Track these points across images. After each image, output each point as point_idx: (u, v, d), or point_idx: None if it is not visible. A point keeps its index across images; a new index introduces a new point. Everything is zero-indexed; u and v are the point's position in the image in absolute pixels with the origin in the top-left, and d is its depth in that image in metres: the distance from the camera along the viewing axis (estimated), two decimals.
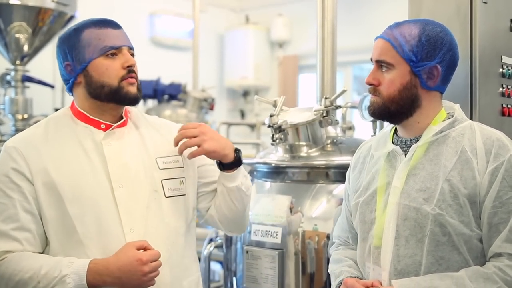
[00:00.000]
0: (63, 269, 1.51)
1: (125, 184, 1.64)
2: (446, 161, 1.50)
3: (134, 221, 1.62)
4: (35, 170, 1.60)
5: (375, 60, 1.58)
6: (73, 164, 1.62)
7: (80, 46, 1.64)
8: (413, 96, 1.54)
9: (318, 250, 2.11)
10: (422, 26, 1.55)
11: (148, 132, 1.76)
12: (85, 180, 1.61)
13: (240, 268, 2.25)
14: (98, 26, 1.65)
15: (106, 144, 1.66)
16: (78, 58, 1.64)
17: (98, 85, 1.64)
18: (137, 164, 1.68)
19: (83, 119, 1.69)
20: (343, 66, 6.50)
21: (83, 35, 1.64)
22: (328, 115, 2.22)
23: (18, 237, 1.58)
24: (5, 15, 3.63)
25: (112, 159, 1.65)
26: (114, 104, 1.67)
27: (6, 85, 3.90)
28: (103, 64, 1.63)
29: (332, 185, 2.20)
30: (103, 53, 1.63)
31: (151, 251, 1.55)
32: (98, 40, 1.63)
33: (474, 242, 1.48)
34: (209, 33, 6.88)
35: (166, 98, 5.23)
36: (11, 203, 1.59)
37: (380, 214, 1.57)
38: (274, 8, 7.10)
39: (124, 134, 1.71)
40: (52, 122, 1.71)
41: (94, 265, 1.52)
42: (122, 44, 1.66)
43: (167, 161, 1.73)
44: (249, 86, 7.24)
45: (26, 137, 1.68)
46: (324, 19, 2.36)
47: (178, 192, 1.72)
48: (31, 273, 1.52)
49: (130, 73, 1.65)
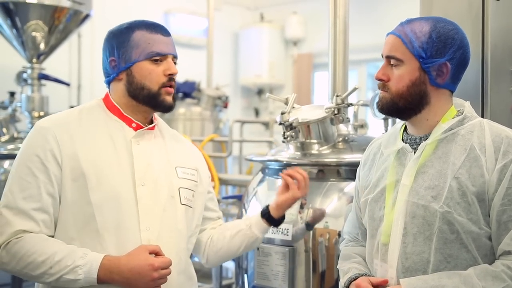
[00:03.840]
0: (77, 260, 1.53)
1: (147, 183, 1.67)
2: (454, 158, 1.50)
3: (151, 219, 1.65)
4: (66, 154, 1.62)
5: (385, 56, 1.59)
6: (102, 154, 1.65)
7: (129, 46, 1.67)
8: (422, 92, 1.54)
9: (329, 247, 2.12)
10: (434, 23, 1.55)
11: (170, 141, 1.81)
12: (111, 172, 1.64)
13: (251, 265, 2.26)
14: (150, 30, 1.69)
15: (135, 143, 1.70)
16: (124, 56, 1.68)
17: (138, 86, 1.68)
18: (160, 167, 1.72)
19: (117, 114, 1.72)
20: (357, 64, 6.48)
21: (134, 35, 1.68)
22: (340, 113, 2.21)
23: (37, 218, 1.59)
24: (22, 13, 3.69)
25: (138, 157, 1.68)
26: (149, 108, 1.72)
27: (23, 83, 3.95)
28: (147, 68, 1.67)
29: (343, 182, 2.20)
30: (149, 57, 1.67)
31: (164, 258, 1.58)
32: (147, 44, 1.67)
33: (482, 240, 1.47)
34: (223, 31, 6.90)
35: (181, 96, 5.26)
36: (36, 183, 1.60)
37: (389, 212, 1.57)
38: (289, 6, 7.10)
39: (152, 137, 1.75)
40: (85, 111, 1.73)
41: (107, 261, 1.54)
42: (169, 52, 1.70)
43: (185, 172, 1.78)
44: (264, 84, 7.25)
45: (61, 120, 1.69)
46: (336, 17, 2.36)
47: (190, 203, 1.77)
48: (44, 257, 1.54)
49: (170, 81, 1.69)
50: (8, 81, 4.21)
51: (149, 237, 1.63)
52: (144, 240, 1.63)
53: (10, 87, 4.12)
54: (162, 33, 1.70)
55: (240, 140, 4.99)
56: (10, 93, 4.06)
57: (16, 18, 3.70)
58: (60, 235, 1.62)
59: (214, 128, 5.28)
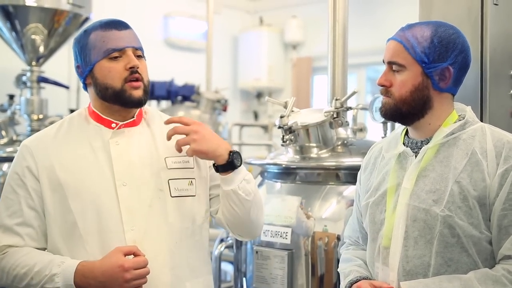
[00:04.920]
0: (54, 268, 1.55)
1: (129, 182, 1.65)
2: (456, 163, 1.50)
3: (135, 219, 1.63)
4: (42, 167, 1.65)
5: (387, 62, 1.59)
6: (79, 162, 1.66)
7: (87, 49, 1.66)
8: (425, 97, 1.55)
9: (328, 251, 2.12)
10: (435, 27, 1.55)
11: (161, 131, 1.76)
12: (89, 177, 1.64)
13: (250, 268, 2.26)
14: (104, 28, 1.66)
15: (113, 143, 1.68)
16: (86, 60, 1.67)
17: (102, 87, 1.66)
18: (143, 163, 1.69)
19: (96, 118, 1.72)
20: (357, 67, 6.48)
21: (90, 37, 1.66)
22: (339, 116, 2.22)
23: (21, 232, 1.63)
24: (22, 16, 3.68)
25: (117, 157, 1.67)
26: (119, 106, 1.69)
27: (22, 86, 3.94)
28: (106, 67, 1.65)
29: (342, 186, 2.20)
30: (106, 55, 1.64)
31: (137, 258, 1.55)
32: (102, 42, 1.64)
33: (483, 244, 1.48)
34: (223, 34, 6.90)
35: (180, 99, 5.25)
36: (17, 199, 1.65)
37: (390, 215, 1.57)
38: (288, 10, 7.10)
39: (134, 134, 1.72)
40: (66, 122, 1.75)
41: (81, 267, 1.54)
42: (125, 45, 1.66)
43: (176, 161, 1.73)
44: (263, 88, 7.25)
45: (39, 137, 1.74)
46: (335, 21, 2.37)
47: (186, 192, 1.72)
48: (26, 269, 1.57)
49: (132, 74, 1.65)
50: (7, 84, 4.20)
51: (134, 237, 1.62)
52: (129, 240, 1.61)
53: (10, 90, 4.11)
54: (116, 28, 1.67)
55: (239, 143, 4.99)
56: (10, 96, 4.06)
57: (16, 21, 3.69)
58: (50, 246, 1.65)
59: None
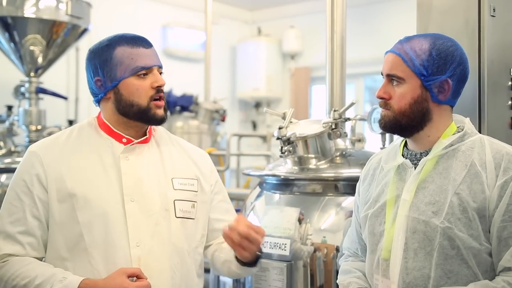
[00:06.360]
0: (55, 284, 1.54)
1: (137, 199, 1.65)
2: (455, 174, 1.50)
3: (141, 235, 1.63)
4: (51, 177, 1.63)
5: (385, 74, 1.59)
6: (88, 174, 1.65)
7: (112, 64, 1.65)
8: (424, 109, 1.55)
9: (327, 262, 2.11)
10: (433, 40, 1.56)
11: (169, 151, 1.78)
12: (98, 191, 1.63)
13: (248, 279, 2.25)
14: (131, 45, 1.66)
15: (124, 158, 1.68)
16: (109, 75, 1.66)
17: (127, 103, 1.66)
18: (151, 181, 1.69)
19: (107, 131, 1.71)
20: (355, 77, 6.50)
21: (115, 52, 1.65)
22: (337, 127, 2.22)
23: (22, 241, 1.61)
24: (20, 28, 3.69)
25: (127, 173, 1.66)
26: (140, 123, 1.70)
27: (20, 97, 3.95)
28: (134, 84, 1.65)
29: (341, 197, 2.20)
30: (134, 73, 1.65)
31: (140, 282, 1.55)
32: (131, 59, 1.64)
33: (483, 256, 1.47)
34: (221, 45, 6.92)
35: (178, 109, 5.25)
36: (22, 206, 1.63)
37: (389, 227, 1.57)
38: (286, 20, 7.13)
39: (143, 151, 1.73)
40: (76, 131, 1.74)
41: (84, 285, 1.53)
42: (153, 64, 1.68)
43: (182, 183, 1.74)
44: (261, 98, 7.26)
45: (49, 144, 1.71)
46: (333, 31, 2.38)
47: (188, 215, 1.73)
48: (26, 280, 1.56)
49: (158, 93, 1.67)
50: (5, 95, 4.21)
51: (139, 253, 1.62)
52: (133, 256, 1.61)
53: (8, 101, 4.11)
54: (144, 45, 1.67)
55: (238, 153, 4.99)
56: (8, 106, 4.06)
57: (14, 32, 3.70)
58: (52, 255, 1.64)
59: (211, 141, 5.27)
